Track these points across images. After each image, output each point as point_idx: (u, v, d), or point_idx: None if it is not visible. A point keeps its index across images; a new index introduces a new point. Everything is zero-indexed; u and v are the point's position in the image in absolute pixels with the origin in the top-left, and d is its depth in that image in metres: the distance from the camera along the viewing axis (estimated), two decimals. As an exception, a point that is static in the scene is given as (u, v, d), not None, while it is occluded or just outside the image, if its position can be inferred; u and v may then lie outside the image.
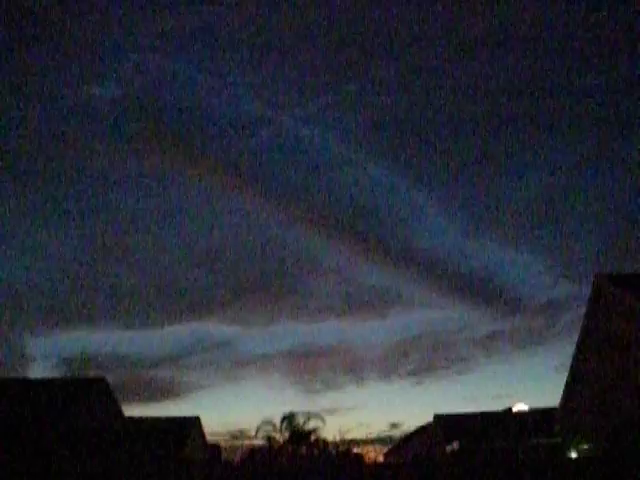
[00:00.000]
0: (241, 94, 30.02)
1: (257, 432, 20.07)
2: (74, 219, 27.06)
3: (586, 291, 14.53)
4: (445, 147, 30.45)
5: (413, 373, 35.91)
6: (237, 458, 21.13)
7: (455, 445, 19.54)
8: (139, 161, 28.42)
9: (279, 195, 30.41)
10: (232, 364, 33.51)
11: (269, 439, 20.19)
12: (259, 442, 20.42)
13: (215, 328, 32.47)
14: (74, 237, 27.21)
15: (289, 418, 20.36)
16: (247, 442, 26.63)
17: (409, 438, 25.29)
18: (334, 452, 20.78)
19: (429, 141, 30.23)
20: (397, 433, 29.05)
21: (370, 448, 28.71)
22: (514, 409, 21.27)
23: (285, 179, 30.66)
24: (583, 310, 14.68)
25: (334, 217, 30.51)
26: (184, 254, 30.28)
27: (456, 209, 32.85)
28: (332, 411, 32.86)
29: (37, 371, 25.64)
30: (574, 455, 14.80)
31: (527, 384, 36.05)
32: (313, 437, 20.32)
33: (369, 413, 39.02)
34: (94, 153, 26.23)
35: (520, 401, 21.67)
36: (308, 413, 20.75)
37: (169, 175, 29.00)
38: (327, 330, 35.12)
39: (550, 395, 40.69)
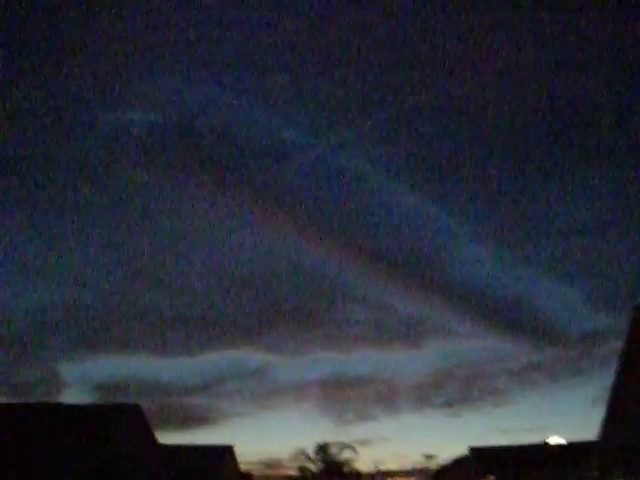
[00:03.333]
0: (278, 121, 30.17)
1: (291, 462, 19.88)
2: (109, 246, 27.27)
3: (624, 323, 14.39)
4: (482, 177, 30.40)
5: (448, 404, 35.53)
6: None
7: (491, 478, 19.26)
8: (174, 187, 28.62)
9: (314, 223, 30.39)
10: (266, 392, 33.40)
11: (303, 470, 19.96)
12: (292, 472, 20.23)
13: (249, 356, 32.45)
14: (109, 264, 27.38)
15: (323, 448, 20.12)
16: (280, 472, 26.44)
17: (444, 470, 24.92)
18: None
19: (466, 171, 30.14)
20: (432, 465, 28.75)
21: (404, 480, 28.41)
22: (551, 442, 20.95)
23: (321, 207, 30.71)
24: (621, 342, 14.53)
25: (369, 246, 30.43)
26: (219, 282, 30.30)
27: (493, 238, 32.74)
28: (365, 442, 32.47)
29: (71, 397, 25.76)
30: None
31: (564, 416, 35.50)
32: (347, 468, 20.06)
33: (403, 444, 38.66)
34: (130, 179, 26.46)
35: (557, 434, 21.35)
36: (342, 443, 20.51)
37: (204, 202, 29.08)
38: (361, 359, 34.94)
39: (587, 428, 39.93)
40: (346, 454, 20.76)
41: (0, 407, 16.20)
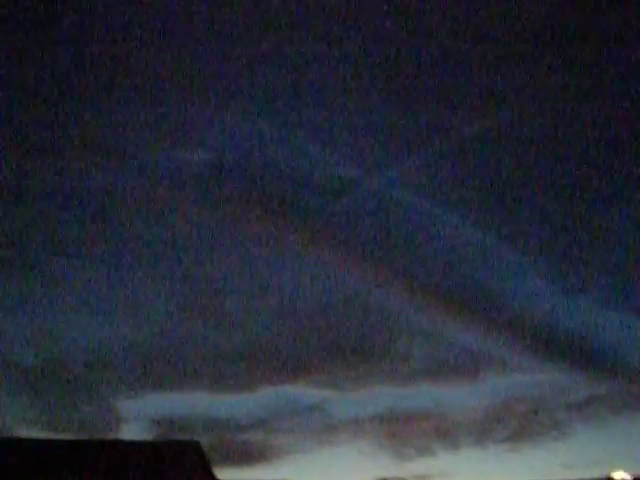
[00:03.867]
0: (331, 157, 30.24)
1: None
2: (164, 281, 27.46)
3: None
4: (540, 208, 30.01)
5: (508, 438, 34.85)
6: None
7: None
8: (230, 224, 28.75)
9: (369, 257, 30.30)
10: (323, 428, 33.12)
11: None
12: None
13: (306, 392, 32.22)
14: (166, 301, 27.53)
15: (382, 485, 20.02)
16: (339, 508, 26.30)
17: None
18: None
19: (523, 202, 29.81)
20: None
21: (466, 516, 28.08)
22: (615, 477, 20.53)
23: (376, 241, 30.58)
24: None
25: (426, 279, 30.18)
26: (275, 318, 30.30)
27: (552, 270, 32.17)
28: (424, 477, 32.00)
29: (129, 433, 25.81)
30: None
31: (628, 450, 34.53)
32: (406, 504, 19.93)
33: (463, 479, 38.04)
34: (184, 217, 26.70)
35: (621, 468, 20.90)
36: (400, 479, 20.39)
37: (259, 238, 29.20)
38: (419, 394, 34.44)
39: (653, 463, 38.99)
40: (405, 490, 20.64)
41: (59, 443, 16.33)
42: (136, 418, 27.46)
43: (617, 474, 21.05)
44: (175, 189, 26.50)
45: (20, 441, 16.60)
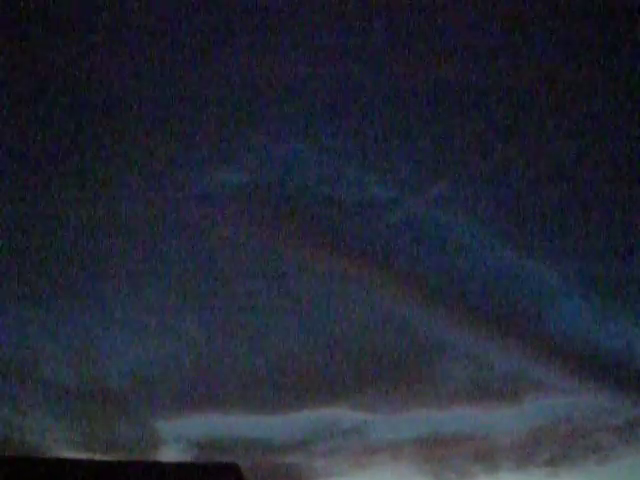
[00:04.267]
0: (369, 178, 30.18)
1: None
2: (203, 303, 27.54)
3: None
4: (580, 227, 29.71)
5: (549, 463, 34.27)
6: None
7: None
8: (265, 246, 28.81)
9: (409, 279, 30.13)
10: (361, 451, 32.85)
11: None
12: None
13: (344, 414, 32.00)
14: (204, 321, 27.60)
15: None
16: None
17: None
18: None
19: (563, 222, 29.53)
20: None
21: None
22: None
23: (415, 263, 30.38)
24: None
25: (465, 301, 29.92)
26: (314, 340, 30.19)
27: (593, 291, 31.74)
28: (465, 500, 31.72)
29: (168, 454, 25.88)
30: None
31: (673, 475, 33.98)
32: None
33: (503, 504, 37.54)
34: (220, 238, 26.83)
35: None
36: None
37: (296, 261, 29.20)
38: (459, 417, 34.05)
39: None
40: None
41: (99, 464, 16.38)
42: (175, 439, 27.50)
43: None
44: (211, 210, 26.72)
45: (60, 461, 16.68)
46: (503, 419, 34.55)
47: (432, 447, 31.84)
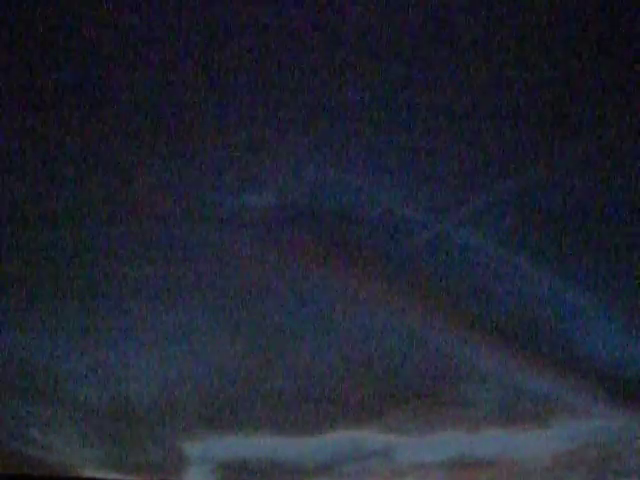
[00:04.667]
0: (396, 199, 30.23)
1: None
2: (230, 324, 27.74)
3: None
4: (608, 248, 29.48)
5: (580, 487, 33.87)
6: None
7: None
8: (294, 269, 28.92)
9: (436, 300, 30.04)
10: (388, 474, 32.58)
11: None
12: None
13: (372, 436, 31.86)
14: (230, 341, 27.79)
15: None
16: None
17: None
18: None
19: (592, 242, 29.32)
20: None
21: None
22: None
23: (443, 284, 30.28)
24: None
25: (493, 322, 29.73)
26: (340, 361, 30.21)
27: (623, 312, 31.43)
28: (493, 525, 31.22)
29: (194, 475, 25.99)
30: None
31: None
32: None
33: (534, 529, 36.96)
34: (248, 261, 27.06)
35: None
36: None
37: (324, 282, 29.30)
38: (488, 440, 33.69)
39: None
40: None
41: (124, 484, 16.48)
42: (201, 460, 27.66)
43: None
44: (236, 232, 26.95)
45: (87, 481, 16.83)
46: (531, 442, 34.12)
47: (459, 470, 31.53)
